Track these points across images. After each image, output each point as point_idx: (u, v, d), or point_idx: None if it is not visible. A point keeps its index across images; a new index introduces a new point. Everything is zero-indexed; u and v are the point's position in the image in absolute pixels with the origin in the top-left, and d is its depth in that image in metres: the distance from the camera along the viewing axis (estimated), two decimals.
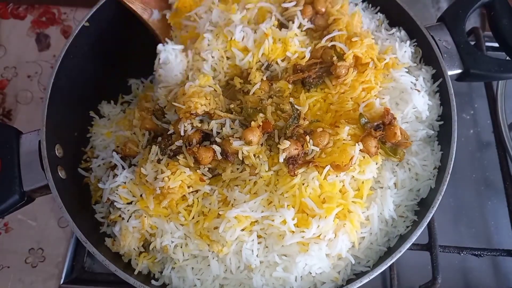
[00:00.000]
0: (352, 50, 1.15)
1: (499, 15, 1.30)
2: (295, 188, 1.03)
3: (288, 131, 1.07)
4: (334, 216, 1.02)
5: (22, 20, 1.83)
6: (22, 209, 1.13)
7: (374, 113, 1.13)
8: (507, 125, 1.43)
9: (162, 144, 1.14)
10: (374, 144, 1.08)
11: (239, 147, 1.05)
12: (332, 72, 1.16)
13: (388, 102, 1.17)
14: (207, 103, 1.10)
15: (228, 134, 1.09)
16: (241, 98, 1.20)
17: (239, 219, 1.02)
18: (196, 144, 1.10)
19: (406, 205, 1.14)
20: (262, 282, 1.06)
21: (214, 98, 1.13)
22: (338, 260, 1.08)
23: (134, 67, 1.46)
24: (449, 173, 1.10)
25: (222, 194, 1.09)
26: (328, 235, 1.03)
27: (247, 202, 1.04)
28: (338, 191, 1.05)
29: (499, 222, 1.43)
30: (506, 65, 1.26)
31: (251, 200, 1.04)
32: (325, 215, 1.02)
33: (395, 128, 1.09)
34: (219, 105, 1.14)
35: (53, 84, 1.19)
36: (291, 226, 1.01)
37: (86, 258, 1.36)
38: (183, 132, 1.11)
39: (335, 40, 1.19)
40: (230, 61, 1.24)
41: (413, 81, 1.20)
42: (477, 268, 1.37)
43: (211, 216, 1.07)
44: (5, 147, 1.13)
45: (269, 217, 1.03)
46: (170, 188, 1.05)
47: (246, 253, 1.04)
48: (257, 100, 1.16)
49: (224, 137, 1.09)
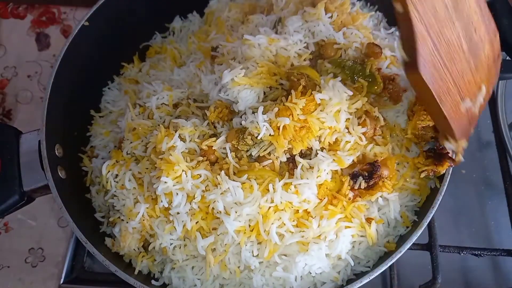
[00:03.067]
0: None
1: (499, 14, 1.29)
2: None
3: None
4: (337, 219, 1.03)
5: (22, 19, 1.83)
6: (22, 209, 1.13)
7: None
8: (507, 125, 1.43)
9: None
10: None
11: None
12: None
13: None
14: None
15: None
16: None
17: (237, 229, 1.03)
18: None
19: (406, 206, 1.15)
20: (262, 282, 1.06)
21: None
22: (338, 260, 1.08)
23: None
24: (449, 173, 1.10)
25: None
26: (329, 236, 1.03)
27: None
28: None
29: (499, 222, 1.42)
30: (506, 65, 1.26)
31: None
32: (328, 217, 1.03)
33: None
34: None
35: (53, 84, 1.19)
36: (289, 227, 1.02)
37: (86, 258, 1.36)
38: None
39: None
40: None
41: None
42: (477, 268, 1.37)
43: (211, 217, 1.07)
44: (5, 147, 1.12)
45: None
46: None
47: (245, 255, 1.04)
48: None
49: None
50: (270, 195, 1.03)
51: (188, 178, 1.05)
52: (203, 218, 1.07)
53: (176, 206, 1.05)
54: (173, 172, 1.04)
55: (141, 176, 1.13)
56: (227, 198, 1.02)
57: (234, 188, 1.03)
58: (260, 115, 1.05)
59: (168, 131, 1.12)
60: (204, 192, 1.05)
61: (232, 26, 1.39)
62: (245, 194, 1.03)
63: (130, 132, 1.20)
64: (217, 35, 1.35)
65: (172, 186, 1.05)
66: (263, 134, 1.04)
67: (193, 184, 1.05)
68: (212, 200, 1.03)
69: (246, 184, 1.04)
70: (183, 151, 1.09)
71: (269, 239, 1.02)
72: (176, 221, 1.06)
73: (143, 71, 1.43)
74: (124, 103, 1.34)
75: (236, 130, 1.09)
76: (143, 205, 1.09)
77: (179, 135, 1.10)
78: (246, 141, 1.06)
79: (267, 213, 1.02)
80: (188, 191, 1.05)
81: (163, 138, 1.10)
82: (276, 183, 1.03)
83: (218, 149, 1.10)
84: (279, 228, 1.03)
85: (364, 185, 1.07)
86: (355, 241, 1.08)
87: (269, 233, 1.02)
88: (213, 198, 1.03)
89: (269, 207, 1.03)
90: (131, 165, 1.15)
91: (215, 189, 1.04)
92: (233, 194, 1.03)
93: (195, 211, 1.06)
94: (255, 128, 1.05)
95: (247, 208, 1.01)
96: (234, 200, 1.03)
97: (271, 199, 1.03)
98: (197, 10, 1.52)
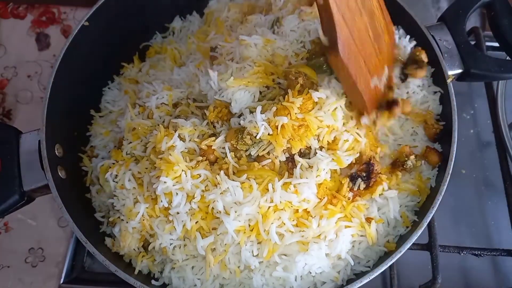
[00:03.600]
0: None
1: (499, 15, 1.30)
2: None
3: None
4: (336, 218, 1.03)
5: (22, 19, 1.83)
6: (22, 209, 1.13)
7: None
8: (507, 125, 1.43)
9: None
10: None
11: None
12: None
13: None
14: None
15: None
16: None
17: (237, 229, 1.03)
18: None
19: (406, 206, 1.15)
20: (262, 282, 1.06)
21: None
22: (338, 260, 1.08)
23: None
24: (449, 173, 1.10)
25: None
26: (329, 236, 1.03)
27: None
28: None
29: (499, 222, 1.42)
30: (506, 65, 1.26)
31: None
32: (327, 216, 1.03)
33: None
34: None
35: (53, 84, 1.19)
36: (289, 227, 1.02)
37: (86, 258, 1.36)
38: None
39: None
40: None
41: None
42: (477, 268, 1.37)
43: (210, 217, 1.06)
44: (5, 146, 1.12)
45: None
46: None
47: (245, 255, 1.04)
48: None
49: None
50: (270, 194, 1.03)
51: (188, 178, 1.05)
52: (203, 218, 1.07)
53: (176, 206, 1.05)
54: (173, 172, 1.04)
55: (140, 176, 1.13)
56: (227, 198, 1.02)
57: (234, 187, 1.03)
58: (259, 115, 1.05)
59: (168, 130, 1.12)
60: (204, 192, 1.05)
61: (231, 26, 1.39)
62: (245, 193, 1.03)
63: (130, 132, 1.20)
64: (216, 35, 1.35)
65: (171, 186, 1.05)
66: (261, 133, 1.04)
67: (192, 184, 1.05)
68: (212, 200, 1.03)
69: (245, 184, 1.04)
70: (182, 151, 1.09)
71: (269, 238, 1.02)
72: (176, 221, 1.06)
73: (143, 71, 1.43)
74: (124, 103, 1.34)
75: (235, 130, 1.09)
76: (143, 205, 1.09)
77: (178, 135, 1.10)
78: (245, 141, 1.06)
79: (267, 213, 1.02)
80: (188, 191, 1.05)
81: (162, 137, 1.10)
82: (275, 182, 1.03)
83: (217, 148, 1.10)
84: (278, 227, 1.03)
85: (363, 186, 1.07)
86: (355, 241, 1.09)
87: (268, 233, 1.02)
88: (213, 198, 1.03)
89: (269, 206, 1.03)
90: (131, 165, 1.15)
91: (215, 189, 1.04)
92: (232, 194, 1.03)
93: (195, 211, 1.06)
94: (254, 128, 1.05)
95: (246, 208, 1.01)
96: (234, 200, 1.03)
97: (271, 198, 1.03)
98: (197, 10, 1.53)
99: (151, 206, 1.09)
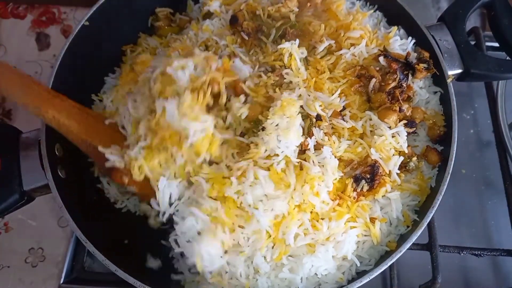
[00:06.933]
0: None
1: (499, 15, 1.30)
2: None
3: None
4: (345, 219, 1.04)
5: (22, 19, 1.83)
6: (22, 209, 1.13)
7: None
8: (507, 125, 1.43)
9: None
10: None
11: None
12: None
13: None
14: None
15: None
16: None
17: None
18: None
19: (408, 205, 1.15)
20: (268, 285, 1.06)
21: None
22: (343, 260, 1.08)
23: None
24: (449, 173, 1.10)
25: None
26: (338, 238, 1.04)
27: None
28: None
29: (499, 222, 1.43)
30: (506, 65, 1.26)
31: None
32: (336, 218, 1.03)
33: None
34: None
35: (53, 84, 1.19)
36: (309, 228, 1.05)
37: (86, 258, 1.35)
38: None
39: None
40: None
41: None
42: (477, 268, 1.37)
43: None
44: (5, 146, 1.13)
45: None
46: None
47: (258, 260, 1.03)
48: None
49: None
50: (290, 193, 1.02)
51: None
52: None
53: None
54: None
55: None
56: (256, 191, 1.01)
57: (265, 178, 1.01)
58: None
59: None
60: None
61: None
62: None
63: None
64: None
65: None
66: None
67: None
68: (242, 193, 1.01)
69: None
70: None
71: (283, 239, 1.02)
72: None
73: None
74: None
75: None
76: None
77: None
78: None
79: (291, 212, 1.03)
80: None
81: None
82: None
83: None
84: (298, 228, 1.03)
85: (367, 187, 1.07)
86: (359, 241, 1.09)
87: (285, 233, 1.02)
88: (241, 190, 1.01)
89: (294, 206, 1.03)
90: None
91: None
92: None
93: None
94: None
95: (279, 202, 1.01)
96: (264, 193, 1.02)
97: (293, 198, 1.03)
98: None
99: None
